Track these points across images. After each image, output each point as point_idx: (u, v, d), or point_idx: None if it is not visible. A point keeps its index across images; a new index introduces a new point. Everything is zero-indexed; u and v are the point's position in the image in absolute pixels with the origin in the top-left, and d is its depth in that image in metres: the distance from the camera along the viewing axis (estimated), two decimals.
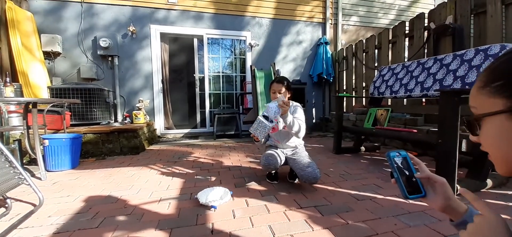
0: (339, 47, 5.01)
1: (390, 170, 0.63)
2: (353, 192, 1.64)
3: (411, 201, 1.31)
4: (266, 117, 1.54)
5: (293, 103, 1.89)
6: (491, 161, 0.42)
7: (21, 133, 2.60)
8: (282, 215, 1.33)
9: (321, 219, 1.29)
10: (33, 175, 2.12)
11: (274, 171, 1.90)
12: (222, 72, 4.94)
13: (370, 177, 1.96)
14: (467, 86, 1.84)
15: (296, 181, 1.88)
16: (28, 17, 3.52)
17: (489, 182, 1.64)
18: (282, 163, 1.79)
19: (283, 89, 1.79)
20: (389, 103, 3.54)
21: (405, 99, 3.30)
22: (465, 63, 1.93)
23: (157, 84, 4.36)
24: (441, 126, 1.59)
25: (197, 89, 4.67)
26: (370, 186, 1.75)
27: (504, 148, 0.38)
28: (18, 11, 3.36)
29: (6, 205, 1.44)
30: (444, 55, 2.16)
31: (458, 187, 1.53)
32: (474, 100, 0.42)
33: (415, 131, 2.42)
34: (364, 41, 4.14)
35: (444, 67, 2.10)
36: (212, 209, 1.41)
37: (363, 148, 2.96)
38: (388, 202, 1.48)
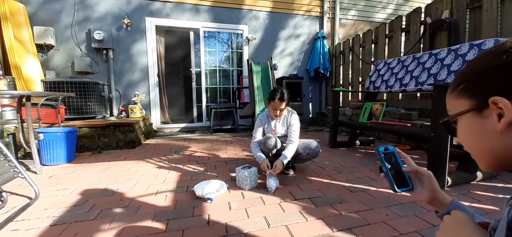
0: (337, 42, 5.00)
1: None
2: (347, 184, 1.67)
3: (400, 194, 1.35)
4: (244, 167, 1.68)
5: (289, 110, 1.92)
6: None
7: (15, 126, 2.57)
8: (277, 207, 1.36)
9: (315, 210, 1.31)
10: (28, 169, 2.11)
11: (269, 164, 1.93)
12: (219, 66, 4.92)
13: (364, 170, 1.99)
14: None
15: (291, 173, 1.91)
16: (20, 8, 3.44)
17: (479, 174, 1.68)
18: (279, 147, 1.87)
19: (284, 107, 1.82)
20: (385, 98, 3.57)
21: (400, 94, 3.33)
22: (459, 57, 1.95)
23: (153, 78, 4.33)
24: (434, 119, 1.62)
25: (194, 84, 4.65)
26: (363, 179, 1.78)
27: (476, 143, 0.41)
28: (10, 3, 3.29)
29: (2, 198, 1.44)
30: (439, 50, 2.18)
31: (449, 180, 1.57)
32: (448, 104, 0.45)
33: (409, 124, 2.45)
34: (361, 35, 4.15)
35: (438, 61, 2.12)
36: (209, 201, 1.43)
37: (358, 142, 3.00)
38: (380, 193, 1.51)
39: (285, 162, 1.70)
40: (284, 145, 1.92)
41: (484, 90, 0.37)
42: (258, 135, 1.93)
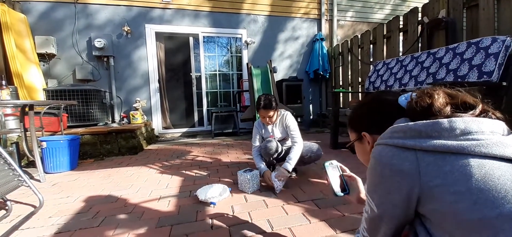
0: (335, 43, 5.03)
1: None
2: None
3: (339, 197, 1.45)
4: (246, 170, 1.69)
5: (282, 113, 1.89)
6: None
7: (19, 135, 2.60)
8: (280, 209, 1.36)
9: (318, 212, 1.32)
10: (32, 177, 2.13)
11: (272, 166, 1.94)
12: (219, 71, 4.95)
13: (366, 170, 1.99)
14: (459, 79, 1.88)
15: (293, 175, 1.91)
16: (21, 19, 3.49)
17: None
18: (280, 150, 1.87)
19: (272, 113, 1.78)
20: None
21: None
22: (457, 56, 1.97)
23: (154, 84, 4.35)
24: None
25: (194, 88, 4.67)
26: (366, 179, 1.78)
27: (363, 158, 0.69)
28: (11, 14, 3.33)
29: (7, 207, 1.45)
30: (437, 49, 2.20)
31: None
32: (349, 133, 0.72)
33: None
34: (359, 36, 4.17)
35: (437, 61, 2.14)
36: (212, 205, 1.43)
37: None
38: None
39: (291, 167, 1.67)
40: (284, 147, 1.93)
41: (359, 128, 0.66)
42: (257, 143, 1.92)
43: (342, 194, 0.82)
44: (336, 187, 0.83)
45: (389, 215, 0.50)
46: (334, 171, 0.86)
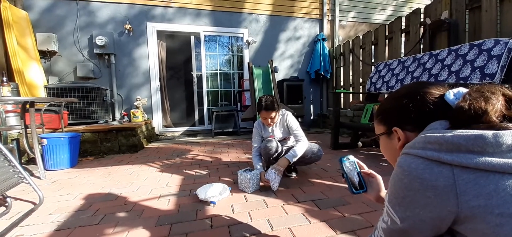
0: (337, 43, 5.02)
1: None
2: None
3: (356, 196, 1.39)
4: (246, 170, 1.68)
5: (282, 113, 1.88)
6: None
7: (19, 132, 2.60)
8: (280, 209, 1.36)
9: (318, 212, 1.31)
10: (32, 174, 2.13)
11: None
12: (220, 70, 4.94)
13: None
14: (461, 81, 1.87)
15: (293, 175, 1.91)
16: (23, 16, 3.49)
17: None
18: (280, 150, 1.86)
19: (273, 114, 1.76)
20: None
21: None
22: (460, 58, 1.96)
23: (155, 82, 4.35)
24: None
25: (195, 87, 4.67)
26: (366, 180, 1.77)
27: (388, 154, 0.63)
28: (13, 10, 3.33)
29: (6, 204, 1.45)
30: (439, 51, 2.19)
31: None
32: (375, 126, 0.66)
33: None
34: (361, 37, 4.16)
35: (439, 62, 2.13)
36: (212, 204, 1.43)
37: (360, 143, 2.99)
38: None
39: (293, 159, 1.67)
40: (284, 147, 1.92)
41: (390, 122, 0.58)
42: (257, 143, 1.91)
43: (359, 192, 0.79)
44: (353, 183, 0.79)
45: (415, 230, 0.46)
46: (350, 167, 0.81)
